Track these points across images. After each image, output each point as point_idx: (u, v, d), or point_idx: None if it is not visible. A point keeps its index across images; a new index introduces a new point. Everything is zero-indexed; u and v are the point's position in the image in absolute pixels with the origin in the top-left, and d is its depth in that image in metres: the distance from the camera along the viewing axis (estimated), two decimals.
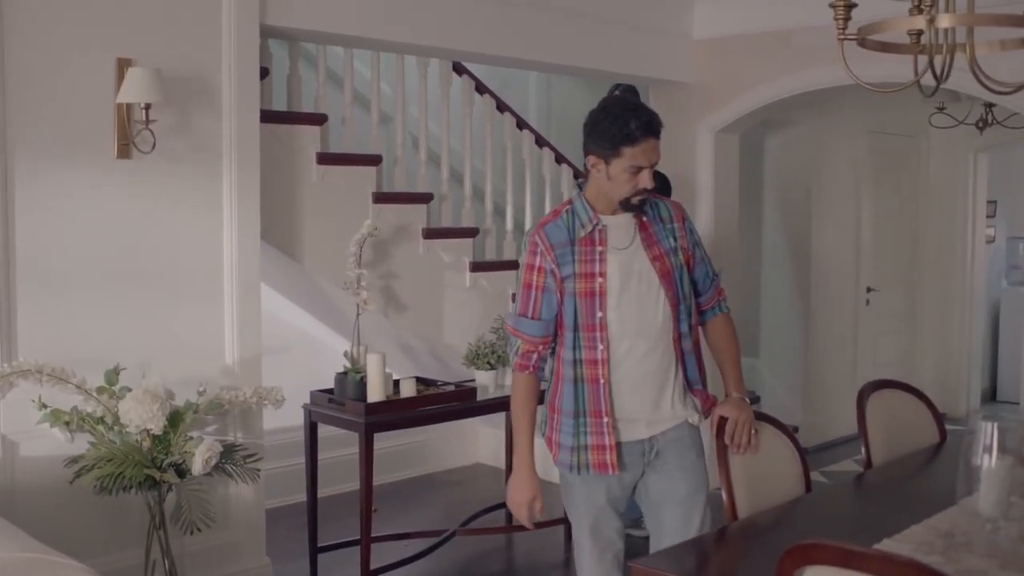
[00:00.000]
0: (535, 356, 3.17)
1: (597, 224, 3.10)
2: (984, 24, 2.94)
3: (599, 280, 3.06)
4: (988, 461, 2.70)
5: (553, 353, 3.19)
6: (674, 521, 3.17)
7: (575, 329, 3.09)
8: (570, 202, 3.18)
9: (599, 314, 3.06)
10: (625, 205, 3.08)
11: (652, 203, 3.18)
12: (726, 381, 3.31)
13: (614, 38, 6.28)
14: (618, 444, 3.11)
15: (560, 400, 3.16)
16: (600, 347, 3.07)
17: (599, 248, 3.08)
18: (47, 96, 4.04)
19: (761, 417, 3.40)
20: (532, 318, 3.13)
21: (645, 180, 3.02)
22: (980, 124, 7.57)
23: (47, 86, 4.04)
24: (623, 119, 2.97)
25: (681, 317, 3.16)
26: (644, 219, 3.14)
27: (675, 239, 3.18)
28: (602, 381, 3.08)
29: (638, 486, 3.22)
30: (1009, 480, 2.68)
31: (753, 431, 3.22)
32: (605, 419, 3.09)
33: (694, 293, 3.26)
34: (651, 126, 2.99)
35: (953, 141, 8.58)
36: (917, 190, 8.89)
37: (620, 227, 3.12)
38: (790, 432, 3.53)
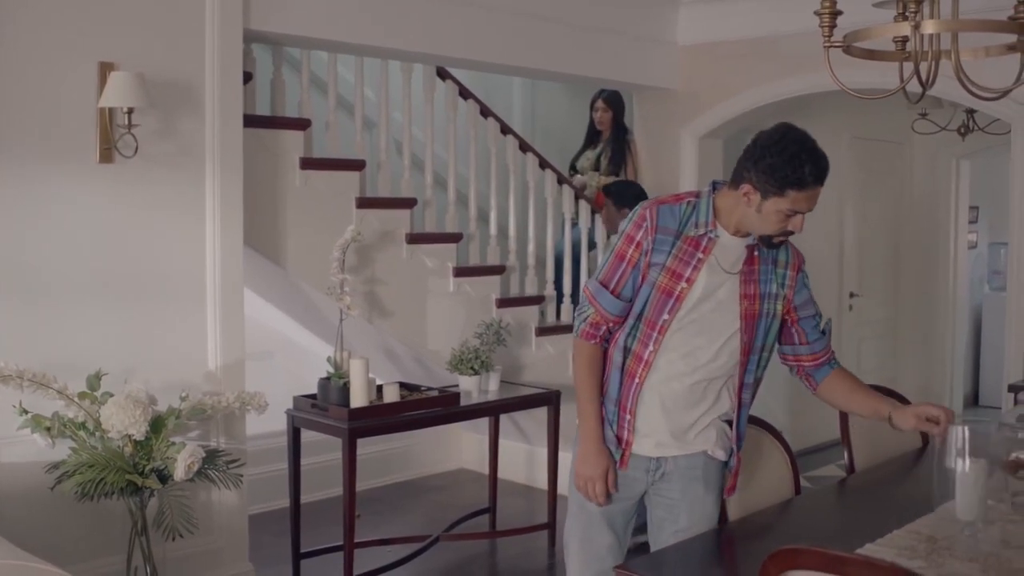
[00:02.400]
0: (604, 328, 3.02)
1: (709, 233, 2.93)
2: (968, 30, 2.97)
3: (682, 284, 2.91)
4: (962, 466, 2.70)
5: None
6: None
7: (638, 318, 2.97)
8: (696, 195, 3.00)
9: (665, 316, 2.94)
10: (765, 241, 2.93)
11: None
12: (878, 402, 3.15)
13: (599, 44, 6.30)
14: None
15: (607, 384, 3.08)
16: (650, 348, 2.97)
17: (699, 255, 2.92)
18: (28, 100, 4.02)
19: (754, 421, 3.40)
20: (613, 293, 2.98)
21: (797, 225, 2.87)
22: (962, 130, 7.61)
23: (28, 90, 4.02)
24: (799, 162, 2.78)
25: (750, 368, 3.05)
26: (755, 254, 2.97)
27: (781, 286, 3.02)
28: (637, 380, 3.00)
29: (646, 502, 3.16)
30: (983, 483, 2.69)
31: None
32: (627, 416, 3.03)
33: (799, 346, 3.14)
34: (823, 175, 2.83)
35: (936, 147, 8.62)
36: (900, 196, 8.93)
37: (730, 249, 2.95)
38: (781, 436, 3.54)
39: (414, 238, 5.87)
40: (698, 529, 3.06)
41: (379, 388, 4.88)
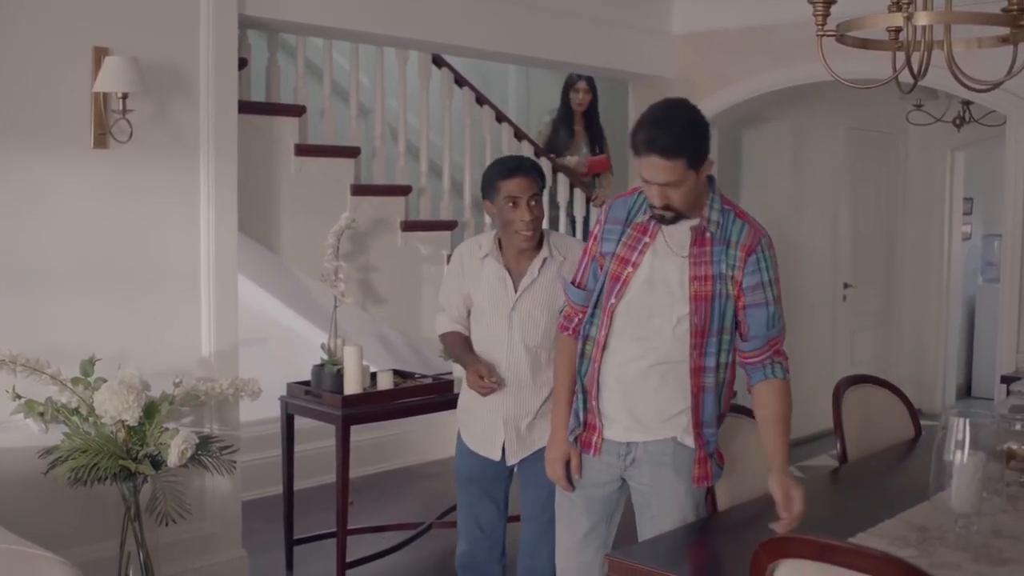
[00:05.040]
0: (576, 320, 3.15)
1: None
2: (961, 22, 2.96)
3: (628, 269, 2.99)
4: (960, 457, 2.70)
5: None
6: (652, 533, 3.07)
7: (596, 305, 3.06)
8: None
9: (612, 300, 3.00)
10: (657, 216, 2.95)
11: (731, 222, 3.00)
12: (773, 453, 2.98)
13: (593, 32, 6.29)
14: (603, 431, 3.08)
15: (579, 373, 3.14)
16: (603, 332, 3.02)
17: (645, 239, 2.99)
18: (22, 85, 4.01)
19: (743, 411, 3.40)
20: (577, 286, 3.15)
21: (652, 195, 2.88)
22: (957, 122, 7.61)
23: (22, 75, 4.00)
24: (636, 128, 2.86)
25: (708, 350, 2.97)
26: (707, 235, 2.95)
27: (730, 267, 2.95)
28: (595, 364, 3.04)
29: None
30: (980, 476, 2.69)
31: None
32: (592, 402, 3.07)
33: (740, 339, 3.00)
34: (654, 145, 2.80)
35: (931, 138, 8.62)
36: (895, 187, 8.93)
37: (676, 230, 2.97)
38: None
39: (409, 225, 5.87)
40: (670, 516, 3.03)
41: (373, 375, 4.88)
